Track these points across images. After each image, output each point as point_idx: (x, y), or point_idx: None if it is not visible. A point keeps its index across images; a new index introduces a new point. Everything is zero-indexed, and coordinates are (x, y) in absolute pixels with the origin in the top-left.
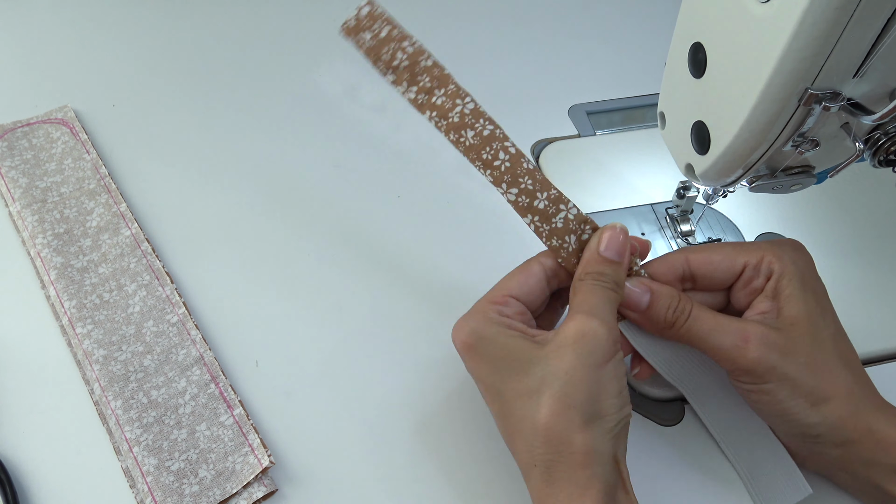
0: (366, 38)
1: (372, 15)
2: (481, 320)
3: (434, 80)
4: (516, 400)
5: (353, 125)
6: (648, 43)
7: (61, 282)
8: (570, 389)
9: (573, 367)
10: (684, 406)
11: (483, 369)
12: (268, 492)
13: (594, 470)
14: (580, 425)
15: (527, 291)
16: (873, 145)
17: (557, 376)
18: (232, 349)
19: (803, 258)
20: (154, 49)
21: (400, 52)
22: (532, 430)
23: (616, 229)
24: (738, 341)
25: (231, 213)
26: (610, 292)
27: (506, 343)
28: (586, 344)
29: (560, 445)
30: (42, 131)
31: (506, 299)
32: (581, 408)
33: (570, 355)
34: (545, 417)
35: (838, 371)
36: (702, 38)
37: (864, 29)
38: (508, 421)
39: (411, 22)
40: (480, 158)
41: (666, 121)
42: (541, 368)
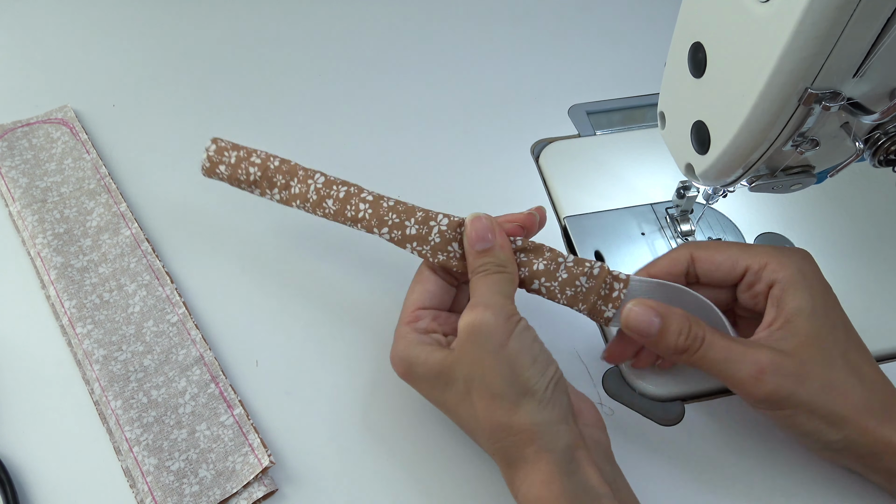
0: (222, 170)
1: (219, 149)
2: (404, 346)
3: (285, 175)
4: (457, 407)
5: (353, 125)
6: (648, 43)
7: (61, 282)
8: (488, 381)
9: (478, 360)
10: (684, 406)
11: (424, 389)
12: (268, 492)
13: (539, 443)
14: (511, 407)
15: (430, 297)
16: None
17: (472, 375)
18: (232, 349)
19: (810, 267)
20: (154, 49)
21: (251, 166)
22: (478, 428)
23: (477, 219)
24: (754, 373)
25: (231, 212)
26: (496, 275)
27: (427, 360)
28: (478, 334)
29: (502, 433)
30: (42, 131)
31: (416, 315)
32: (504, 394)
33: (471, 350)
34: (482, 415)
35: (853, 388)
36: (702, 38)
37: (864, 29)
38: (462, 425)
39: (412, 23)
40: (347, 217)
41: (666, 121)
42: (459, 373)
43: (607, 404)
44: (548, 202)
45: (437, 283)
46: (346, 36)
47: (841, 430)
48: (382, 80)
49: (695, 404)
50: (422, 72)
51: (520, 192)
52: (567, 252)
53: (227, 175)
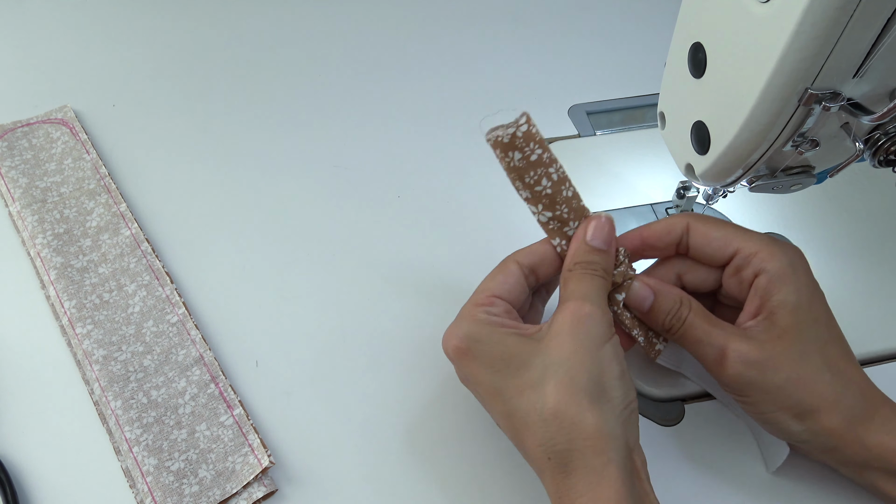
0: (514, 157)
1: (528, 135)
2: (472, 323)
3: (571, 212)
4: (520, 396)
5: (354, 125)
6: (648, 43)
7: (61, 282)
8: (574, 373)
9: (573, 351)
10: (684, 406)
11: (480, 372)
12: (268, 492)
13: (609, 455)
14: (588, 406)
15: (508, 290)
16: (873, 145)
17: (559, 363)
18: (232, 349)
19: (801, 262)
20: (154, 49)
21: (545, 178)
22: (541, 420)
23: (602, 219)
24: (717, 357)
25: (231, 212)
26: (599, 279)
27: (501, 341)
28: (583, 327)
29: (572, 431)
30: (42, 131)
31: (491, 300)
32: (587, 389)
33: (568, 340)
34: (553, 404)
35: (826, 382)
36: (702, 38)
37: (864, 29)
38: (514, 418)
39: (412, 23)
40: None
41: (666, 121)
42: (541, 359)
43: None
44: None
45: (517, 280)
46: (346, 36)
47: (805, 422)
48: (382, 80)
49: (695, 404)
50: (422, 72)
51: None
52: None
53: (515, 165)
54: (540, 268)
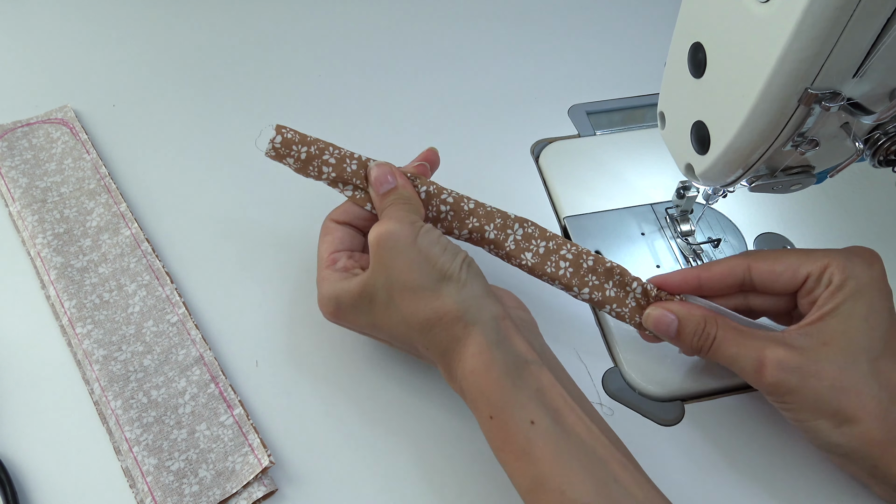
0: (290, 163)
1: (286, 141)
2: (327, 286)
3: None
4: (387, 320)
5: (354, 125)
6: (648, 43)
7: (61, 282)
8: (403, 278)
9: (391, 263)
10: (684, 406)
11: (353, 319)
12: (268, 492)
13: (466, 318)
14: (432, 296)
15: (340, 242)
16: (873, 145)
17: (389, 278)
18: (232, 349)
19: (870, 271)
20: (154, 49)
21: (325, 165)
22: (410, 331)
23: (377, 166)
24: (755, 366)
25: (231, 212)
26: (401, 204)
27: (349, 287)
28: (386, 240)
29: (431, 322)
30: (42, 131)
31: (332, 258)
32: (422, 283)
33: (382, 258)
34: (407, 312)
35: (871, 394)
36: (702, 38)
37: (864, 29)
38: (395, 337)
39: (412, 23)
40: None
41: (666, 121)
42: (377, 282)
43: (607, 404)
44: (548, 202)
45: (344, 231)
46: (346, 36)
47: (846, 432)
48: (382, 80)
49: (695, 404)
50: (422, 72)
51: (520, 192)
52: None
53: (293, 168)
54: (354, 220)
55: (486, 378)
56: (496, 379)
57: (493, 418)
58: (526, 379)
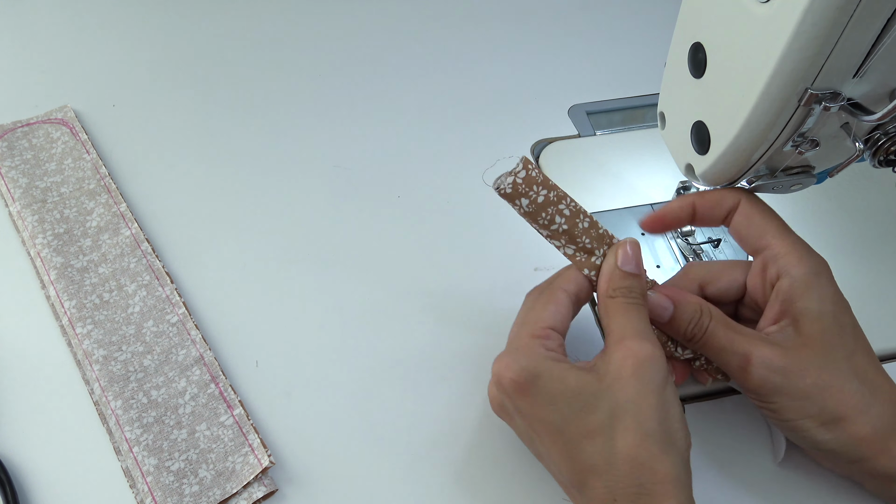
0: (522, 203)
1: (529, 179)
2: (532, 357)
3: (594, 241)
4: (584, 439)
5: (354, 125)
6: (648, 43)
7: (61, 282)
8: (643, 418)
9: (641, 395)
10: (684, 406)
11: (540, 409)
12: (268, 492)
13: (679, 499)
14: (659, 453)
15: (560, 321)
16: (873, 145)
17: (627, 407)
18: (232, 349)
19: (826, 271)
20: (154, 49)
21: (558, 215)
22: (609, 465)
23: (629, 245)
24: (741, 363)
25: (231, 212)
26: (641, 308)
27: (562, 378)
28: (646, 370)
29: (643, 476)
30: (42, 131)
31: (547, 332)
32: (656, 435)
33: (633, 383)
34: (623, 450)
35: (853, 391)
36: (702, 38)
37: (864, 29)
38: (576, 461)
39: (412, 23)
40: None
41: (666, 121)
42: (606, 402)
43: None
44: None
45: (568, 310)
46: (346, 36)
47: (831, 430)
48: (383, 80)
49: (695, 404)
50: (422, 72)
51: None
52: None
53: (522, 211)
54: (581, 294)
55: None
56: None
57: None
58: None
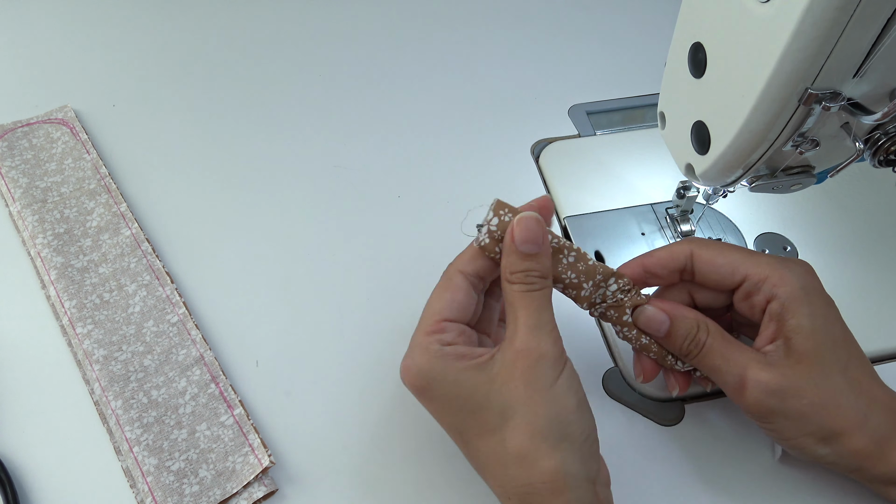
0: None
1: (503, 224)
2: (426, 359)
3: (581, 275)
4: (479, 438)
5: (354, 125)
6: (648, 43)
7: (61, 282)
8: (531, 417)
9: (528, 395)
10: (684, 406)
11: (439, 410)
12: (268, 492)
13: (568, 495)
14: (547, 451)
15: (458, 308)
16: (873, 145)
17: (516, 408)
18: (232, 349)
19: (812, 282)
20: (154, 49)
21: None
22: (501, 465)
23: (526, 218)
24: (736, 384)
25: (231, 212)
26: (540, 292)
27: (455, 379)
28: (535, 370)
29: (531, 474)
30: (42, 131)
31: (441, 325)
32: (544, 432)
33: (522, 384)
34: (512, 449)
35: (850, 405)
36: (702, 38)
37: (864, 29)
38: (476, 459)
39: (412, 23)
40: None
41: (666, 121)
42: (497, 401)
43: (608, 405)
44: None
45: (467, 294)
46: (346, 36)
47: (830, 445)
48: (383, 80)
49: (695, 404)
50: (422, 72)
51: (520, 192)
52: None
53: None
54: (482, 272)
55: None
56: None
57: None
58: None
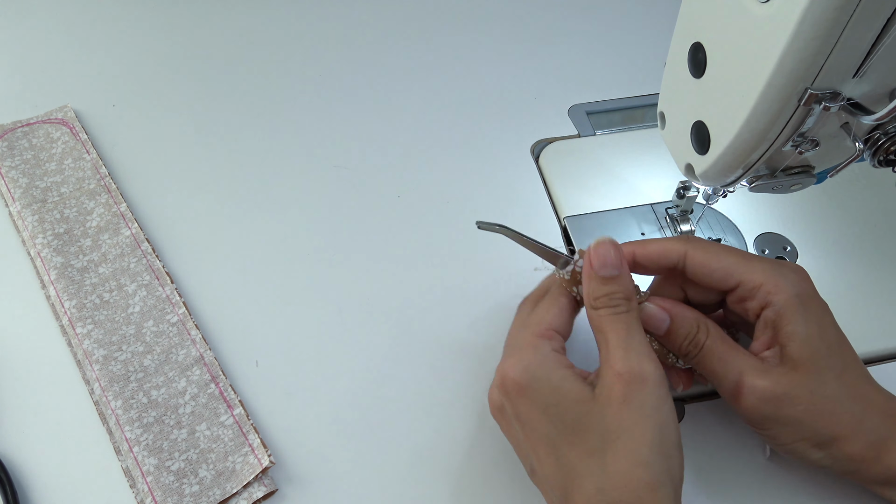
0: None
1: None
2: (535, 357)
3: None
4: (575, 456)
5: (354, 125)
6: (648, 43)
7: (61, 282)
8: (634, 445)
9: (632, 418)
10: (684, 406)
11: (534, 416)
12: (268, 492)
13: None
14: (653, 484)
15: (563, 323)
16: (873, 145)
17: (619, 430)
18: (232, 349)
19: (806, 288)
20: (154, 49)
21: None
22: (597, 488)
23: (601, 244)
24: (732, 389)
25: (231, 213)
26: (626, 315)
27: (562, 386)
28: (637, 393)
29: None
30: (42, 131)
31: (551, 333)
32: (651, 463)
33: (624, 409)
34: (615, 476)
35: (845, 411)
36: (702, 38)
37: (864, 29)
38: (565, 476)
39: (412, 23)
40: None
41: (666, 121)
42: (598, 423)
43: None
44: (548, 202)
45: (570, 315)
46: (346, 36)
47: (826, 450)
48: (383, 80)
49: (695, 404)
50: (422, 72)
51: (520, 192)
52: None
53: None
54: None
55: None
56: None
57: None
58: None
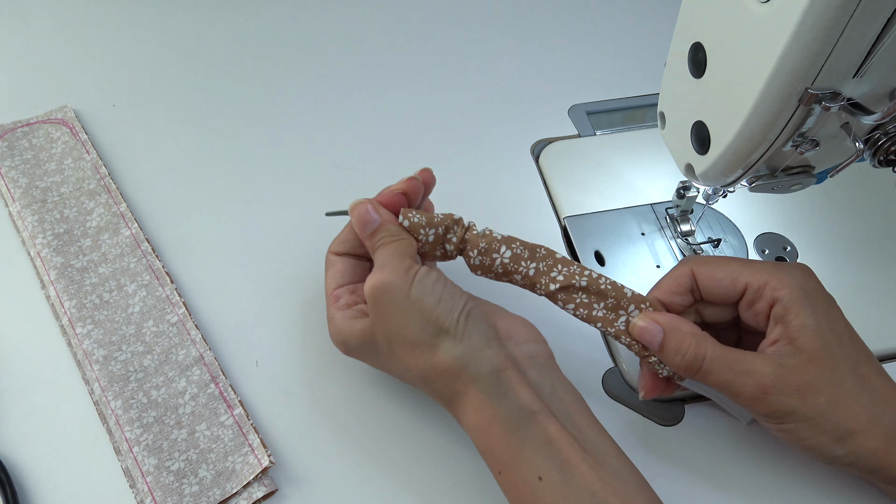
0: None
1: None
2: (334, 326)
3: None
4: (391, 366)
5: (354, 125)
6: (648, 43)
7: (61, 282)
8: (401, 332)
9: (387, 316)
10: (684, 406)
11: (364, 359)
12: (268, 492)
13: (464, 375)
14: (429, 351)
15: (342, 275)
16: (873, 145)
17: (388, 331)
18: (232, 349)
19: (812, 283)
20: (154, 49)
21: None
22: (413, 379)
23: (355, 207)
24: (757, 392)
25: (231, 212)
26: (392, 244)
27: (352, 331)
28: (381, 293)
29: (430, 376)
30: (42, 131)
31: (335, 295)
32: (419, 338)
33: (378, 310)
34: (408, 365)
35: (862, 403)
36: (702, 38)
37: (864, 29)
38: (409, 383)
39: (412, 23)
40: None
41: (666, 121)
42: (377, 333)
43: (608, 405)
44: (548, 202)
45: (344, 263)
46: (346, 36)
47: (846, 445)
48: (383, 79)
49: (695, 404)
50: (422, 72)
51: (520, 192)
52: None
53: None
54: (347, 243)
55: (490, 434)
56: (500, 435)
57: (500, 473)
58: (532, 432)
